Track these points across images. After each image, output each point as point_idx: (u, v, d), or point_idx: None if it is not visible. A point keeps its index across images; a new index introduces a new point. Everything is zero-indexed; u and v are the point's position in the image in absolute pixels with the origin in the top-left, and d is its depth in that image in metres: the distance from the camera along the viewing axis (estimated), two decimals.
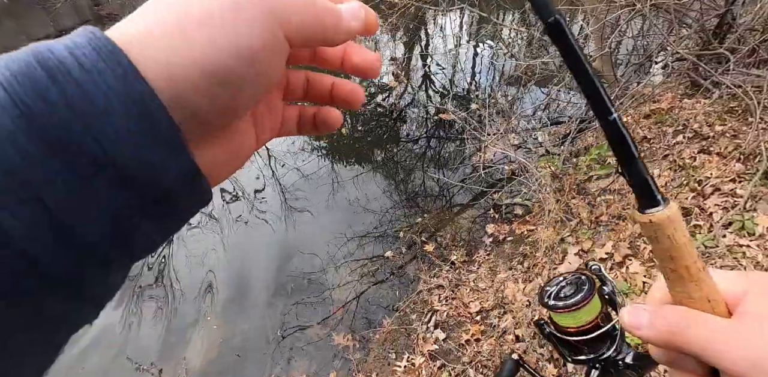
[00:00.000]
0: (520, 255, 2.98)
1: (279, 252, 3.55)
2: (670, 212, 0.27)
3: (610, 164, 3.26)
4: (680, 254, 0.27)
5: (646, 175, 0.27)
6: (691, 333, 0.26)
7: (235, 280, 3.30)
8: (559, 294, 0.41)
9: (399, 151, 5.03)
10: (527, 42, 7.17)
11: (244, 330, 2.93)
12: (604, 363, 0.41)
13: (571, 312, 0.40)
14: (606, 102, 0.27)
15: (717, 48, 3.27)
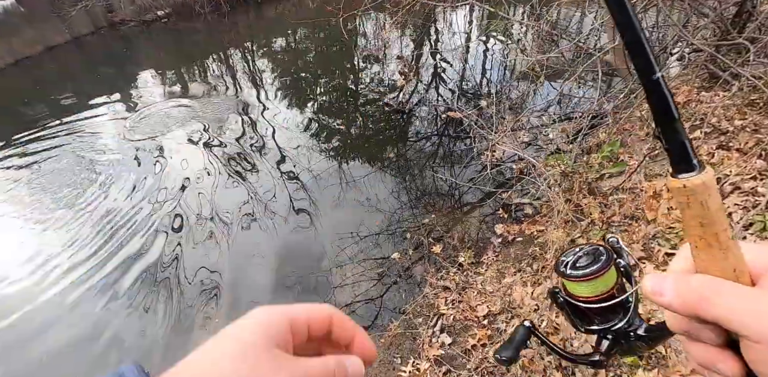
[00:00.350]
0: (529, 257, 2.90)
1: (286, 253, 3.55)
2: (706, 177, 0.27)
3: (623, 161, 3.15)
4: (711, 221, 0.27)
5: (684, 138, 0.27)
6: (717, 300, 0.26)
7: (242, 281, 3.32)
8: (576, 264, 0.41)
9: (407, 150, 4.98)
10: (537, 36, 7.01)
11: None
12: (616, 333, 0.41)
13: (587, 281, 0.39)
14: (651, 61, 0.26)
15: (736, 38, 3.11)
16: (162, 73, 7.70)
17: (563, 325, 2.05)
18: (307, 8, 11.05)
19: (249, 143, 5.09)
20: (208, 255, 3.55)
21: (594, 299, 0.40)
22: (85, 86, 7.25)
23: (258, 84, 6.99)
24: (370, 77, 7.13)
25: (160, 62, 8.29)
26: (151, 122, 5.75)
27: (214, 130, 5.40)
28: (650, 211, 2.42)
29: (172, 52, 9.00)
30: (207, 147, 5.04)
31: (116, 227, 3.89)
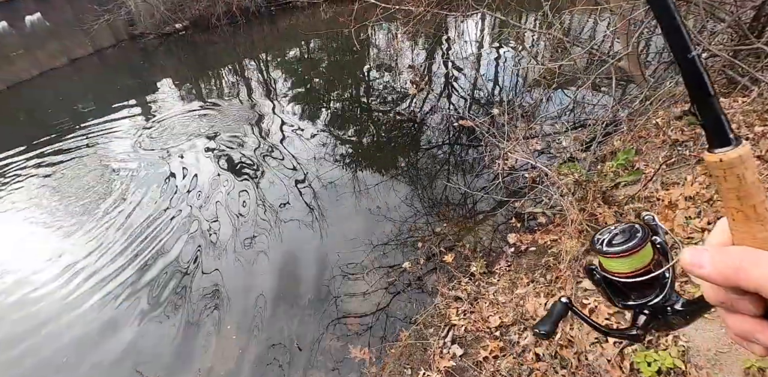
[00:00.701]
0: (542, 267, 2.84)
1: (297, 261, 3.56)
2: (742, 151, 0.27)
3: (638, 169, 3.08)
4: (748, 194, 0.27)
5: (721, 113, 0.28)
6: (755, 270, 0.27)
7: (253, 288, 3.33)
8: (612, 241, 0.41)
9: (419, 159, 4.97)
10: (550, 44, 6.99)
11: (261, 341, 2.93)
12: (653, 308, 0.41)
13: (623, 257, 0.39)
14: (687, 39, 0.27)
15: (754, 43, 3.05)
16: (180, 84, 7.91)
17: (577, 338, 2.00)
18: (320, 20, 11.24)
19: (262, 152, 5.16)
20: (220, 262, 3.58)
21: (631, 274, 0.40)
22: (106, 97, 7.47)
23: (272, 94, 7.11)
24: (382, 86, 7.19)
25: (178, 73, 8.53)
26: (168, 132, 5.89)
27: (229, 139, 5.50)
28: (666, 222, 2.35)
29: (189, 64, 9.26)
30: (221, 156, 5.13)
31: (133, 235, 3.97)
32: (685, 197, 2.51)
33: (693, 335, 1.79)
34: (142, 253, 3.76)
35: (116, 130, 6.11)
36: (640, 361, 1.71)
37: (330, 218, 3.99)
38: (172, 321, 3.13)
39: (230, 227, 3.95)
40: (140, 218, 4.16)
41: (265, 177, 4.68)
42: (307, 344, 2.87)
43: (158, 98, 7.24)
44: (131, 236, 3.95)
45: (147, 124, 6.20)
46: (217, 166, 4.93)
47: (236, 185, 4.56)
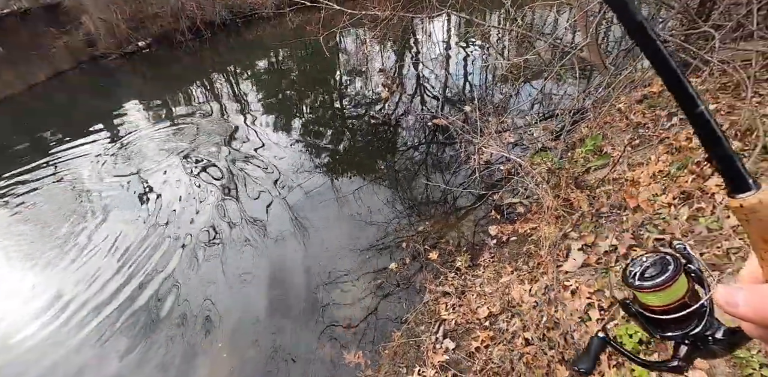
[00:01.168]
0: (524, 255, 2.90)
1: (283, 273, 3.52)
2: (762, 196, 0.28)
3: (606, 153, 3.19)
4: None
5: (737, 160, 0.29)
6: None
7: (241, 304, 3.28)
8: (644, 274, 0.40)
9: (397, 161, 5.01)
10: (514, 40, 7.17)
11: (253, 357, 2.88)
12: (694, 338, 0.40)
13: (657, 291, 0.39)
14: (694, 96, 0.29)
15: (702, 26, 3.21)
16: (147, 103, 7.75)
17: (562, 319, 2.05)
18: (287, 29, 11.23)
19: (239, 166, 5.10)
20: (205, 280, 3.51)
21: (667, 308, 0.39)
22: (70, 122, 7.27)
23: (244, 106, 7.05)
24: (354, 92, 7.23)
25: (145, 92, 8.35)
26: (140, 153, 5.77)
27: (204, 155, 5.42)
28: (631, 199, 2.44)
29: (155, 81, 9.09)
30: (197, 173, 5.04)
31: (112, 260, 3.85)
32: (650, 175, 2.62)
33: None
34: (123, 278, 3.64)
35: (84, 155, 5.93)
36: (623, 334, 1.76)
37: (313, 226, 3.97)
38: (158, 345, 3.04)
39: (212, 245, 3.88)
40: (115, 243, 4.04)
41: (244, 191, 4.63)
42: (301, 355, 2.85)
43: (126, 119, 7.05)
44: (112, 262, 3.83)
45: (117, 146, 6.04)
46: (194, 184, 4.84)
47: (215, 201, 4.49)
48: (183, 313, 3.26)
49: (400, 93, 6.68)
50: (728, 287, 0.31)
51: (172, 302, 3.37)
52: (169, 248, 3.89)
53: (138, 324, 3.21)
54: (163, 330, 3.14)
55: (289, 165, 5.01)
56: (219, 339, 3.05)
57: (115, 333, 3.16)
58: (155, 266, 3.71)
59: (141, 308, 3.35)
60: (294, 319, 3.12)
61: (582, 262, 2.40)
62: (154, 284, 3.55)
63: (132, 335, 3.14)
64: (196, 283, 3.50)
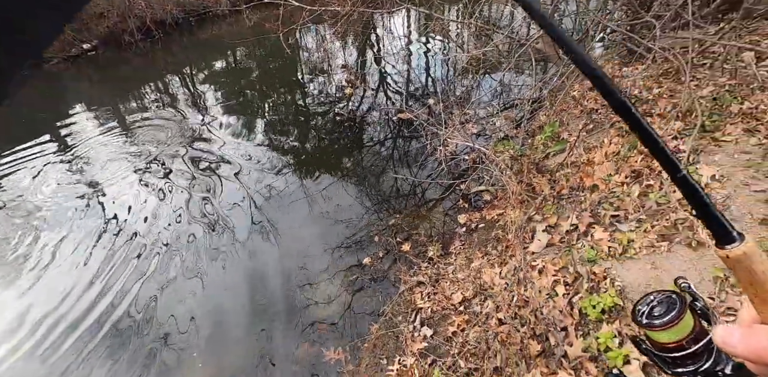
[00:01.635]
0: (493, 240, 3.00)
1: (256, 278, 3.44)
2: (746, 247, 0.31)
3: (563, 139, 3.33)
4: (760, 282, 0.31)
5: (721, 216, 0.32)
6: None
7: (216, 312, 3.19)
8: (652, 313, 0.43)
9: (364, 157, 5.01)
10: (473, 33, 7.33)
11: (231, 364, 2.81)
12: (704, 374, 0.42)
13: (665, 329, 0.41)
14: (675, 162, 0.33)
15: (644, 16, 3.41)
16: (97, 109, 7.34)
17: (531, 297, 2.14)
18: (245, 27, 10.95)
19: (199, 170, 4.91)
20: (172, 288, 3.38)
21: (677, 345, 0.42)
22: (10, 135, 6.76)
23: (201, 108, 6.79)
24: (317, 89, 7.15)
25: (93, 97, 7.89)
26: (90, 160, 5.48)
27: (160, 160, 5.20)
28: (588, 177, 2.58)
29: (103, 85, 8.61)
30: (154, 179, 4.83)
31: (77, 278, 3.62)
32: (604, 157, 2.77)
33: (624, 274, 1.98)
34: (88, 297, 3.44)
35: (30, 168, 5.55)
36: (587, 306, 1.87)
37: (283, 227, 3.91)
38: (126, 362, 2.90)
39: (176, 252, 3.73)
40: (75, 261, 3.79)
41: (207, 195, 4.46)
42: (279, 357, 2.81)
43: (74, 128, 6.61)
44: (76, 279, 3.60)
45: (66, 157, 5.70)
46: (152, 191, 4.63)
47: (176, 207, 4.32)
48: (152, 324, 3.13)
49: (363, 89, 6.69)
50: (725, 327, 0.34)
51: (139, 314, 3.23)
52: (129, 258, 3.72)
53: (102, 341, 3.06)
54: (131, 346, 3.01)
55: (254, 166, 4.90)
56: (193, 347, 2.96)
57: (77, 353, 3.01)
58: (118, 277, 3.55)
59: (105, 322, 3.19)
60: (270, 322, 3.07)
61: (546, 242, 2.51)
62: (117, 297, 3.38)
63: (97, 353, 2.99)
64: (161, 292, 3.36)
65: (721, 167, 2.19)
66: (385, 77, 7.20)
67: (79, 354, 2.98)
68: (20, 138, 6.32)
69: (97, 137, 6.14)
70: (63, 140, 6.24)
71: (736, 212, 1.97)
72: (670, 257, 1.96)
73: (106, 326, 3.18)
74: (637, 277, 1.96)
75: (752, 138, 2.25)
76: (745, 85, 2.58)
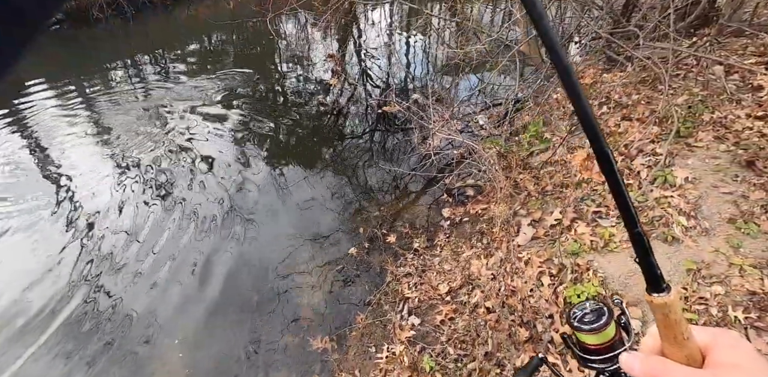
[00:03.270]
0: (478, 233, 3.10)
1: (240, 268, 3.36)
2: (668, 299, 0.38)
3: (547, 138, 3.48)
4: (671, 327, 0.38)
5: (657, 269, 0.38)
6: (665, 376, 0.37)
7: (198, 302, 3.11)
8: (584, 318, 0.51)
9: (347, 147, 5.01)
10: (459, 31, 7.43)
11: (212, 354, 2.76)
12: (611, 373, 0.51)
13: (592, 333, 0.49)
14: (635, 217, 0.38)
15: (626, 26, 3.59)
16: (55, 87, 6.87)
17: (518, 287, 2.24)
18: (223, 9, 10.55)
19: (171, 160, 4.69)
20: (157, 286, 3.21)
21: (597, 347, 0.50)
22: None
23: (174, 94, 6.48)
24: (299, 78, 7.03)
25: (53, 75, 7.33)
26: (46, 146, 5.13)
27: (130, 147, 4.94)
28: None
29: (67, 63, 8.04)
30: (121, 167, 4.58)
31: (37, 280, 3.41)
32: (585, 157, 2.92)
33: (606, 266, 2.12)
34: (51, 288, 3.27)
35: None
36: (571, 295, 1.99)
37: (265, 218, 3.84)
38: (102, 349, 2.79)
39: (155, 248, 3.55)
40: (40, 257, 3.57)
41: (182, 186, 4.25)
42: (263, 346, 2.78)
43: (27, 106, 6.17)
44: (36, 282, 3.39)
45: (14, 139, 5.32)
46: (121, 180, 4.37)
47: (148, 199, 4.10)
48: (133, 314, 3.02)
49: (346, 80, 6.65)
50: (630, 354, 0.42)
51: (120, 309, 3.08)
52: (103, 251, 3.54)
53: (75, 338, 2.93)
54: (104, 340, 2.89)
55: (231, 156, 4.75)
56: (174, 339, 2.88)
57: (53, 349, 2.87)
58: (87, 271, 3.37)
59: (82, 316, 3.05)
60: (252, 312, 3.03)
61: (532, 236, 2.63)
62: (89, 292, 3.22)
63: (73, 350, 2.86)
64: (145, 284, 3.25)
65: (693, 170, 2.37)
66: (367, 70, 7.18)
67: (52, 345, 2.85)
68: None
69: (50, 117, 5.79)
70: (15, 120, 5.82)
71: (707, 211, 2.15)
72: None
73: (75, 317, 3.04)
74: (617, 269, 2.10)
75: (721, 145, 2.44)
76: (716, 95, 2.79)
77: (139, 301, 3.12)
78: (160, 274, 3.32)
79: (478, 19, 8.59)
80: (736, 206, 2.11)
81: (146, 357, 2.76)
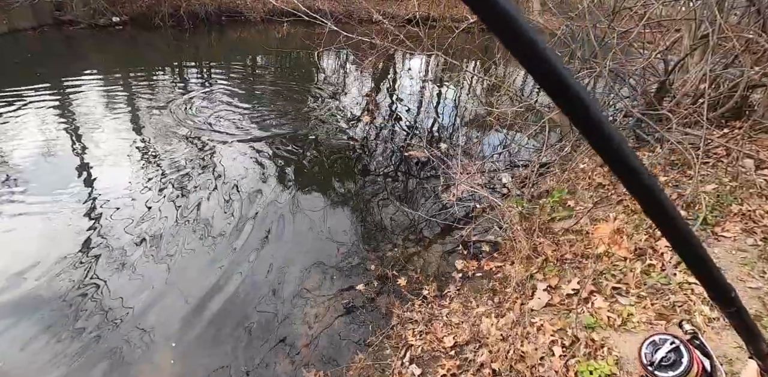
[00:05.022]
0: (490, 291, 3.06)
1: (245, 284, 3.34)
2: None
3: (570, 206, 3.53)
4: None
5: None
6: None
7: (198, 314, 3.05)
8: (662, 362, 0.43)
9: (369, 184, 5.09)
10: (489, 89, 7.80)
11: (204, 365, 2.68)
12: None
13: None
14: (732, 296, 0.35)
15: (659, 109, 3.76)
16: (107, 80, 7.24)
17: (528, 353, 2.19)
18: (273, 37, 11.25)
19: (194, 167, 4.83)
20: (152, 297, 3.14)
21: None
22: (12, 82, 6.55)
23: (210, 104, 6.76)
24: (333, 111, 7.27)
25: (107, 70, 7.78)
26: (85, 133, 5.36)
27: (158, 151, 5.12)
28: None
29: (121, 61, 8.52)
30: (146, 171, 4.71)
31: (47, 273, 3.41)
32: (609, 231, 2.94)
33: (622, 346, 2.08)
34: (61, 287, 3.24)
35: (20, 123, 5.38)
36: (584, 371, 1.93)
37: (279, 241, 3.83)
38: (89, 351, 2.71)
39: (163, 257, 3.53)
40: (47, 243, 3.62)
41: (198, 195, 4.32)
42: (255, 367, 2.70)
43: (80, 92, 6.53)
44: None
45: (60, 120, 5.57)
46: (143, 182, 4.48)
47: (166, 202, 4.17)
48: (130, 337, 2.92)
49: (378, 120, 6.89)
50: None
51: (120, 325, 2.99)
52: (114, 255, 3.52)
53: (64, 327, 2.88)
54: (98, 341, 2.83)
55: (254, 175, 4.83)
56: (168, 346, 2.80)
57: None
58: (92, 273, 3.35)
59: (93, 331, 3.00)
60: (250, 330, 2.96)
61: (546, 302, 2.60)
62: (95, 317, 3.19)
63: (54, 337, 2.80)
64: (149, 289, 3.20)
65: (719, 259, 2.38)
66: (398, 113, 7.45)
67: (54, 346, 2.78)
68: (24, 92, 6.14)
69: (95, 107, 6.08)
70: (65, 101, 6.12)
71: None
72: None
73: (78, 326, 2.99)
74: (634, 351, 2.05)
75: (749, 238, 2.47)
76: (745, 188, 2.86)
77: (141, 300, 3.08)
78: (165, 278, 3.29)
79: (510, 80, 9.04)
80: (763, 303, 2.10)
81: (137, 358, 2.68)
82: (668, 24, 4.53)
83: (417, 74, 10.20)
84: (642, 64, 4.13)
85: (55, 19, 8.98)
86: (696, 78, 3.73)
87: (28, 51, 7.97)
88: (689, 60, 4.32)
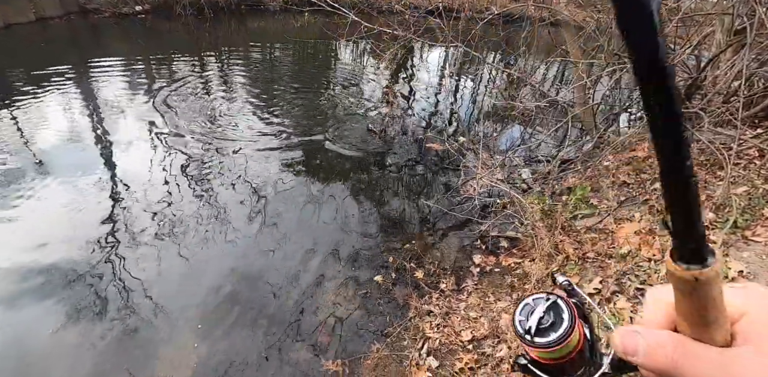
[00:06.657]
0: (508, 287, 3.07)
1: (266, 273, 3.42)
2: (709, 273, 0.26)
3: (593, 204, 3.49)
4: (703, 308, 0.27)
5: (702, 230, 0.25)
6: (686, 367, 0.26)
7: (220, 299, 3.13)
8: (540, 325, 0.36)
9: (387, 175, 5.10)
10: (510, 82, 7.67)
11: (224, 349, 2.77)
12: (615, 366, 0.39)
13: (552, 349, 0.36)
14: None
15: (689, 107, 3.66)
16: (129, 68, 7.36)
17: None
18: (292, 27, 11.23)
19: (213, 154, 4.91)
20: (177, 281, 3.25)
21: (559, 362, 0.37)
22: (39, 67, 6.72)
23: (231, 92, 6.85)
24: (351, 101, 7.26)
25: (129, 56, 7.90)
26: (108, 117, 5.51)
27: (178, 133, 5.24)
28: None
29: (143, 49, 8.63)
30: (166, 159, 4.79)
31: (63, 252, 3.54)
32: (634, 231, 2.91)
33: None
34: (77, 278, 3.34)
35: (44, 109, 5.54)
36: None
37: (298, 231, 3.89)
38: (116, 332, 2.82)
39: (183, 243, 3.60)
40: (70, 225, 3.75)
41: (214, 182, 4.42)
42: (274, 354, 2.78)
43: (102, 79, 6.68)
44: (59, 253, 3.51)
45: (83, 103, 5.74)
46: (164, 168, 4.59)
47: (181, 187, 4.28)
48: (153, 316, 3.02)
49: (399, 111, 6.85)
50: (627, 330, 0.29)
51: (141, 305, 3.09)
52: (138, 239, 3.63)
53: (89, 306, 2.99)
54: (124, 319, 2.94)
55: (272, 162, 4.91)
56: (190, 328, 2.89)
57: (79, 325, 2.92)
58: (116, 258, 3.46)
59: (99, 299, 3.12)
60: (270, 317, 3.04)
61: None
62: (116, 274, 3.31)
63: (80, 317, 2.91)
64: (165, 283, 3.27)
65: (748, 264, 2.34)
66: (417, 105, 7.40)
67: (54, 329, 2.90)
68: (46, 78, 6.29)
69: (117, 94, 6.22)
70: (88, 88, 6.27)
71: None
72: None
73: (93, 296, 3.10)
74: None
75: None
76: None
77: (169, 285, 3.19)
78: (187, 264, 3.38)
79: (531, 74, 8.87)
80: None
81: (161, 339, 2.78)
82: (702, 19, 4.37)
83: (436, 66, 10.09)
84: (673, 60, 4.01)
85: (81, 7, 9.12)
86: (730, 75, 3.61)
87: (56, 38, 8.15)
88: (722, 56, 4.18)
